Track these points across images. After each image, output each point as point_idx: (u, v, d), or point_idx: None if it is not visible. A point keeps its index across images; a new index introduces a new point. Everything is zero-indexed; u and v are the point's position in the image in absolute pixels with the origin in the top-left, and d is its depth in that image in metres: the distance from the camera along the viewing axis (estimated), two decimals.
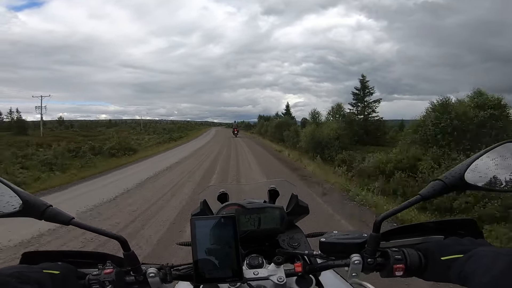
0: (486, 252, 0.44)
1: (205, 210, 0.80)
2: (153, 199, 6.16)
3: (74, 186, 7.99)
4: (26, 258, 0.58)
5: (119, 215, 5.13)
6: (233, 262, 0.54)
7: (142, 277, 0.55)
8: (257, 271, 0.59)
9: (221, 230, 0.55)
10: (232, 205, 0.76)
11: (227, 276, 0.54)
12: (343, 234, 0.61)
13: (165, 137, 30.34)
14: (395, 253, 0.54)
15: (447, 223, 0.63)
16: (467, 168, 0.51)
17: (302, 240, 0.76)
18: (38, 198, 0.53)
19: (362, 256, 0.55)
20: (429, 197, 0.52)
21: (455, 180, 0.51)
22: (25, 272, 0.46)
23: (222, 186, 0.90)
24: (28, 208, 0.52)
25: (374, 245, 0.54)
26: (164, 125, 47.26)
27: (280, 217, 0.75)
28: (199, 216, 0.60)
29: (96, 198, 6.19)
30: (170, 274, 0.57)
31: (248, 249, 0.73)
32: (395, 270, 0.53)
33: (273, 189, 0.86)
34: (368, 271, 0.55)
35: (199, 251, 0.54)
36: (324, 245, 0.60)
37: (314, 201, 5.81)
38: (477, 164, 0.51)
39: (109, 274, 0.53)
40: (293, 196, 0.83)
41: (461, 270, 0.45)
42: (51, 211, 0.52)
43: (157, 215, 5.07)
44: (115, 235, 0.55)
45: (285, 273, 0.58)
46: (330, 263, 0.59)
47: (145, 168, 10.93)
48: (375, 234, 0.54)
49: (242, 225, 0.74)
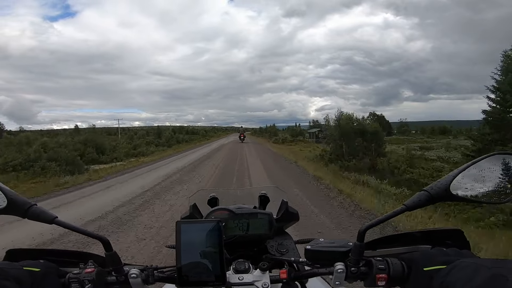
0: (468, 263, 0.44)
1: (194, 214, 0.80)
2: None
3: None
4: (10, 255, 0.59)
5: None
6: (217, 267, 0.54)
7: (123, 277, 0.55)
8: (242, 276, 0.59)
9: (206, 235, 0.55)
10: (221, 209, 0.76)
11: (210, 280, 0.54)
12: (329, 242, 0.60)
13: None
14: (379, 263, 0.53)
15: (435, 232, 0.63)
16: (453, 179, 0.51)
17: (290, 247, 0.76)
18: (23, 197, 0.53)
19: (345, 265, 0.55)
20: (414, 207, 0.52)
21: (440, 191, 0.51)
22: (5, 269, 0.46)
23: (212, 190, 0.90)
24: (12, 205, 0.52)
25: (358, 254, 0.54)
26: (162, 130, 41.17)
27: (269, 223, 0.75)
28: (184, 220, 0.60)
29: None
30: (153, 275, 0.56)
31: (235, 254, 0.72)
32: (378, 280, 0.52)
33: (264, 195, 0.86)
34: (351, 279, 0.55)
35: (183, 254, 0.54)
36: (309, 253, 0.60)
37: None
38: (463, 175, 0.52)
39: (89, 273, 0.52)
40: (283, 202, 0.83)
41: (442, 281, 0.45)
42: (35, 210, 0.52)
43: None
44: (97, 235, 0.55)
45: (270, 280, 0.58)
46: (315, 271, 0.59)
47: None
48: (359, 243, 0.54)
49: (230, 230, 0.73)
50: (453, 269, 0.44)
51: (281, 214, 0.81)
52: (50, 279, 0.51)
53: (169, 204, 5.85)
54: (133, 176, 10.03)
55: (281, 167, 12.16)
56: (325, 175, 9.56)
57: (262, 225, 0.75)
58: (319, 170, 10.76)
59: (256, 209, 0.79)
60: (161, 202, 6.05)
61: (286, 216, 0.81)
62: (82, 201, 6.54)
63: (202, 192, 0.90)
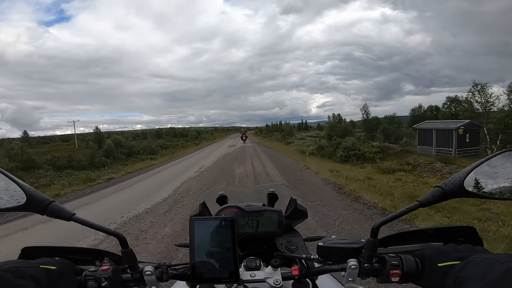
0: (482, 259, 0.44)
1: (204, 212, 0.80)
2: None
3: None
4: (25, 253, 0.59)
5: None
6: (230, 264, 0.54)
7: (138, 275, 0.55)
8: (254, 273, 0.59)
9: (219, 232, 0.55)
10: (230, 207, 0.76)
11: (223, 277, 0.55)
12: (341, 239, 0.61)
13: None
14: (392, 259, 0.54)
15: (447, 230, 0.63)
16: (467, 176, 0.51)
17: (300, 244, 0.76)
18: (42, 194, 0.54)
19: (359, 261, 0.55)
20: (428, 203, 0.52)
21: (454, 187, 0.51)
22: (21, 267, 0.46)
23: (221, 188, 0.90)
24: (31, 202, 0.52)
25: (371, 250, 0.54)
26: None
27: (278, 221, 0.75)
28: (197, 217, 0.60)
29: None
30: (167, 273, 0.57)
31: (246, 251, 0.73)
32: (392, 276, 0.53)
33: (272, 192, 0.86)
34: (364, 276, 0.55)
35: (196, 251, 0.54)
36: (321, 249, 0.60)
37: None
38: (476, 172, 0.52)
39: (105, 271, 0.53)
40: (292, 200, 0.83)
41: (456, 277, 0.45)
42: (54, 207, 0.53)
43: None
44: (114, 232, 0.55)
45: (282, 276, 0.58)
46: (327, 268, 0.59)
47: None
48: (372, 239, 0.54)
49: (240, 227, 0.74)
50: (467, 264, 0.45)
51: (290, 212, 0.81)
52: (66, 277, 0.51)
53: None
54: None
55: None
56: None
57: (271, 222, 0.75)
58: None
59: (265, 207, 0.79)
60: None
61: (295, 213, 0.81)
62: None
63: (211, 190, 0.91)
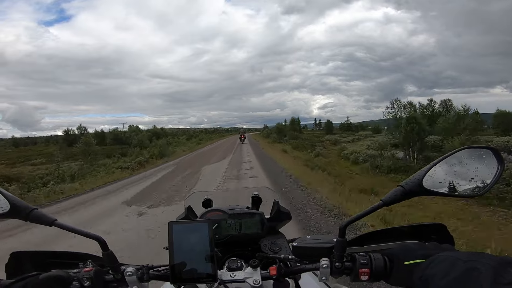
0: (445, 257, 0.45)
1: (189, 215, 0.83)
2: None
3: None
4: (14, 258, 0.62)
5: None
6: (208, 264, 0.57)
7: (120, 275, 0.58)
8: (234, 273, 0.62)
9: (197, 234, 0.58)
10: (214, 210, 0.79)
11: (201, 277, 0.57)
12: (315, 239, 0.63)
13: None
14: (361, 258, 0.55)
15: (420, 227, 0.65)
16: (425, 174, 0.53)
17: (283, 245, 0.78)
18: (24, 202, 0.57)
19: (330, 260, 0.57)
20: (391, 202, 0.53)
21: (414, 186, 0.53)
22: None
23: (206, 192, 0.93)
24: (15, 210, 0.55)
25: (341, 249, 0.56)
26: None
27: (261, 222, 0.78)
28: (176, 221, 0.63)
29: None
30: (148, 273, 0.59)
31: (230, 253, 0.75)
32: (361, 275, 0.54)
33: (256, 195, 0.89)
34: (336, 275, 0.57)
35: (175, 253, 0.57)
36: (296, 250, 0.63)
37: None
38: (435, 170, 0.53)
39: (88, 272, 0.56)
40: (275, 202, 0.86)
41: (421, 275, 0.46)
42: (36, 213, 0.56)
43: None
44: (94, 236, 0.58)
45: (261, 276, 0.61)
46: (303, 267, 0.61)
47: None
48: (341, 239, 0.56)
49: (224, 229, 0.77)
50: (432, 262, 0.46)
51: (273, 214, 0.84)
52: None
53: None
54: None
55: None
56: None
57: (254, 224, 0.78)
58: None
59: (248, 209, 0.82)
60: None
61: (278, 215, 0.84)
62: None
63: (196, 195, 0.93)
